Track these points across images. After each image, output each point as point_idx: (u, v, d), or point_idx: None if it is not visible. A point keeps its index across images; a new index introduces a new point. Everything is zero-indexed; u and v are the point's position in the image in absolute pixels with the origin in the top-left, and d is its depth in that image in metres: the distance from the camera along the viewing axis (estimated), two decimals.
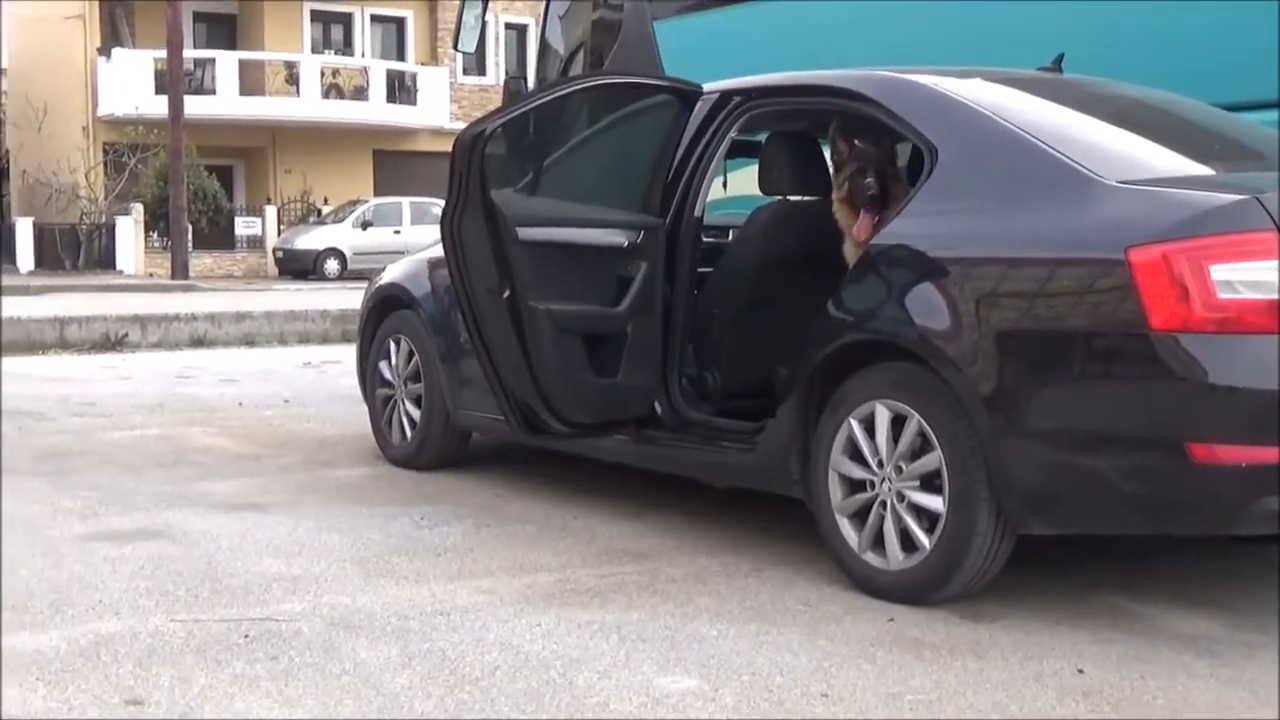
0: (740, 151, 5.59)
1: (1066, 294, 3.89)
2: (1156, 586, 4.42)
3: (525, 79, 10.93)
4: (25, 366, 10.65)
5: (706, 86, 5.23)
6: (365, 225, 32.53)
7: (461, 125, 31.21)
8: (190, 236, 30.08)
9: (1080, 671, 3.63)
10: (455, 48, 12.04)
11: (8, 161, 38.72)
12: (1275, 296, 3.60)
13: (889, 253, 4.36)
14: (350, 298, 24.33)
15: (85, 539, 4.95)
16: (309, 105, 35.29)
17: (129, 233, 32.00)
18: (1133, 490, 3.80)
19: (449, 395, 6.06)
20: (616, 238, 4.89)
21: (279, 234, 34.01)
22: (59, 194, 32.81)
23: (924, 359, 4.14)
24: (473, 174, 4.48)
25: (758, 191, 5.29)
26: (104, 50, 33.77)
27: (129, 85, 33.07)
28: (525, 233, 4.60)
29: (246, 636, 3.82)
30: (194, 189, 31.30)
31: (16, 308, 13.35)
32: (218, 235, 33.62)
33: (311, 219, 34.75)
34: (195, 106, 30.55)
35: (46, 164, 33.21)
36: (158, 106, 30.37)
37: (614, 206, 5.05)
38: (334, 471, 6.36)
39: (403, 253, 28.76)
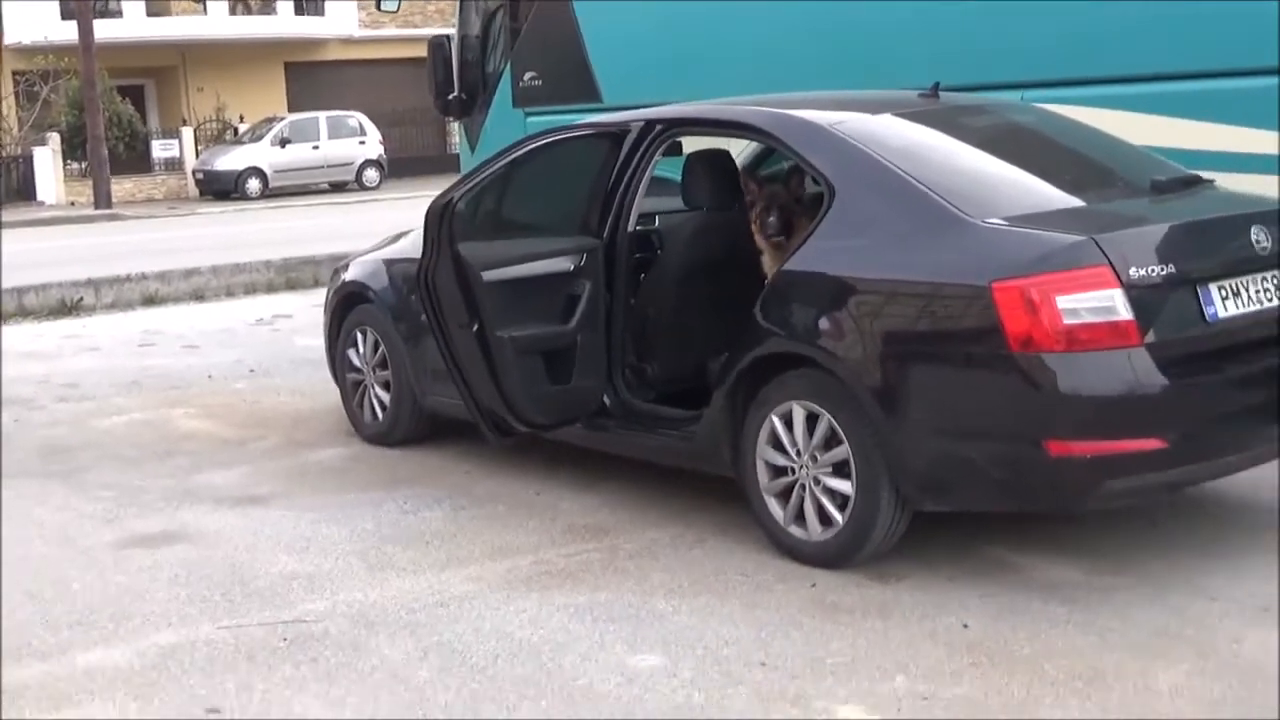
0: None
1: (942, 317, 4.73)
2: (1032, 536, 5.29)
3: (449, 39, 11.49)
4: None
5: (630, 115, 5.98)
6: (284, 143, 32.87)
7: (370, 33, 31.39)
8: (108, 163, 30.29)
9: (965, 626, 4.51)
10: (379, 7, 12.61)
11: None
12: (1109, 319, 4.47)
13: (799, 277, 5.16)
14: (277, 220, 24.91)
15: (117, 546, 5.71)
16: (217, 22, 35.32)
17: (47, 163, 32.15)
18: (1002, 477, 4.69)
19: (416, 383, 6.82)
20: (564, 264, 5.67)
21: (197, 155, 34.22)
22: None
23: (830, 368, 4.97)
24: (443, 235, 5.27)
25: None
26: None
27: (34, 12, 32.89)
28: (489, 274, 5.39)
29: (285, 640, 4.63)
30: (109, 114, 31.42)
31: None
32: (135, 159, 33.83)
33: (228, 138, 34.92)
34: (102, 30, 30.53)
35: None
36: (66, 32, 30.38)
37: (562, 234, 5.83)
38: (315, 454, 7.12)
39: (322, 168, 29.15)
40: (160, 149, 34.70)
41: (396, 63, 36.63)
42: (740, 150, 6.69)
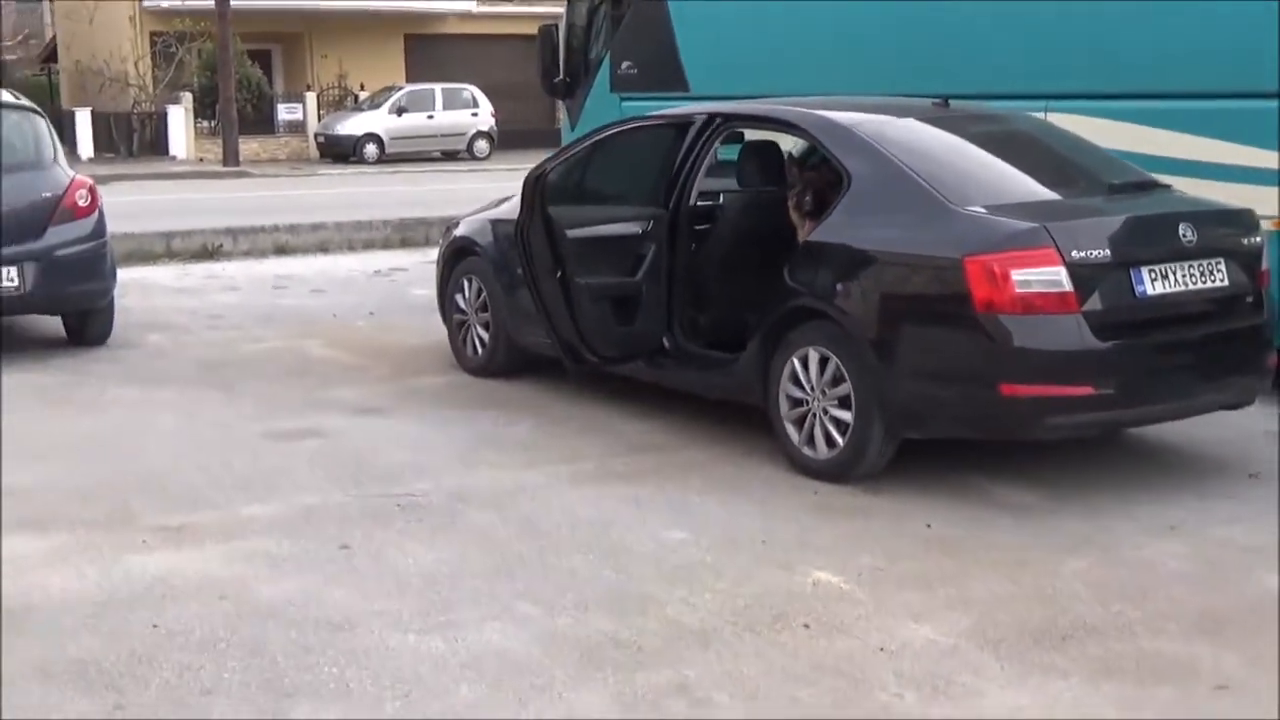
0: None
1: (925, 283, 5.97)
2: (1005, 469, 6.46)
3: (556, 27, 12.74)
4: (151, 276, 12.89)
5: (694, 109, 7.26)
6: (401, 111, 34.48)
7: (488, 9, 32.62)
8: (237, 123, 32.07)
9: (928, 526, 5.74)
10: None
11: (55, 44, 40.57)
12: (1054, 290, 5.67)
13: (820, 247, 6.41)
14: (391, 183, 26.43)
15: (265, 438, 7.12)
16: None
17: (180, 120, 34.08)
18: (964, 411, 5.94)
19: (511, 324, 8.15)
20: (634, 227, 6.99)
21: (319, 119, 35.95)
22: (111, 82, 34.82)
23: (839, 321, 6.22)
24: (537, 198, 6.62)
25: None
26: None
27: None
28: (572, 232, 6.73)
29: (399, 506, 5.98)
30: (239, 77, 33.19)
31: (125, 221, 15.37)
32: (260, 121, 35.64)
33: (349, 104, 36.63)
34: None
35: (99, 53, 35.13)
36: None
37: (633, 204, 7.14)
38: (425, 379, 8.50)
39: (436, 136, 30.49)
40: (285, 112, 36.55)
41: (511, 38, 38.10)
42: (794, 141, 7.92)
